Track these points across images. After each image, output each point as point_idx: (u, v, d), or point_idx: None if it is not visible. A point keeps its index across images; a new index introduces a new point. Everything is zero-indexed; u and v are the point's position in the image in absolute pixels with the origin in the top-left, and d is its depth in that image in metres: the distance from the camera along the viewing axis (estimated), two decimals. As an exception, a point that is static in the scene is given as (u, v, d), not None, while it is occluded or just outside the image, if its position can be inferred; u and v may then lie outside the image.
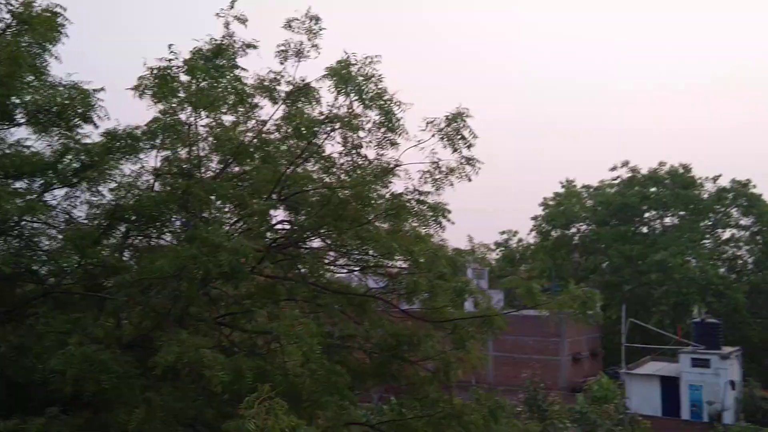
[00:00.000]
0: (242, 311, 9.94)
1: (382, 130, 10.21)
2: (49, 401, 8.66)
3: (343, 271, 11.51)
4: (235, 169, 10.77)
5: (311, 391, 8.50)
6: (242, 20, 10.00)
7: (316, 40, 10.25)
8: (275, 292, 10.72)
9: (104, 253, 9.89)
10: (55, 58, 10.11)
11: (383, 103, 9.90)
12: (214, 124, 10.48)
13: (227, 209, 10.48)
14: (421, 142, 10.08)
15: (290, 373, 7.66)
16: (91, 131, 10.20)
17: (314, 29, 10.19)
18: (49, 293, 9.68)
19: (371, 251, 10.43)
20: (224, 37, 10.01)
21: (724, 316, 43.82)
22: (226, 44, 9.98)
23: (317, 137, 10.24)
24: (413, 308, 11.53)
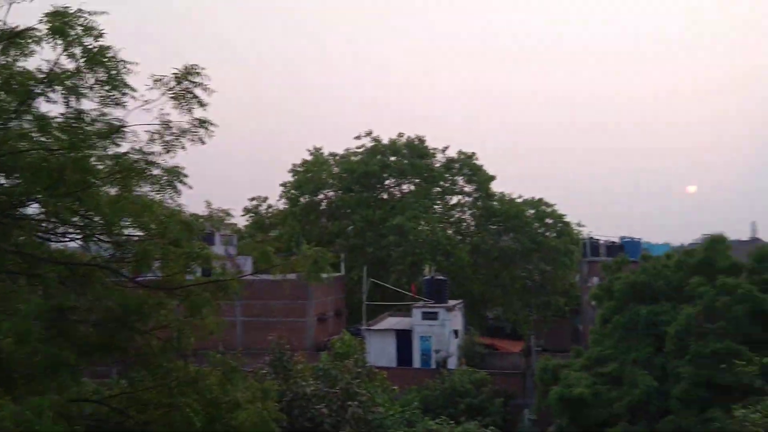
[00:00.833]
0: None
1: (106, 87, 9.53)
2: None
3: (64, 239, 10.64)
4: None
5: (26, 373, 7.80)
6: None
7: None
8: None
9: None
10: None
11: (106, 60, 9.25)
12: None
13: None
14: (148, 102, 9.62)
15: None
16: None
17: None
18: None
19: (96, 218, 9.78)
20: None
21: (450, 273, 48.78)
22: None
23: (32, 96, 9.25)
24: (148, 277, 11.08)
